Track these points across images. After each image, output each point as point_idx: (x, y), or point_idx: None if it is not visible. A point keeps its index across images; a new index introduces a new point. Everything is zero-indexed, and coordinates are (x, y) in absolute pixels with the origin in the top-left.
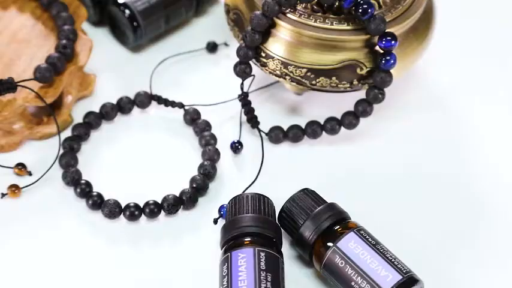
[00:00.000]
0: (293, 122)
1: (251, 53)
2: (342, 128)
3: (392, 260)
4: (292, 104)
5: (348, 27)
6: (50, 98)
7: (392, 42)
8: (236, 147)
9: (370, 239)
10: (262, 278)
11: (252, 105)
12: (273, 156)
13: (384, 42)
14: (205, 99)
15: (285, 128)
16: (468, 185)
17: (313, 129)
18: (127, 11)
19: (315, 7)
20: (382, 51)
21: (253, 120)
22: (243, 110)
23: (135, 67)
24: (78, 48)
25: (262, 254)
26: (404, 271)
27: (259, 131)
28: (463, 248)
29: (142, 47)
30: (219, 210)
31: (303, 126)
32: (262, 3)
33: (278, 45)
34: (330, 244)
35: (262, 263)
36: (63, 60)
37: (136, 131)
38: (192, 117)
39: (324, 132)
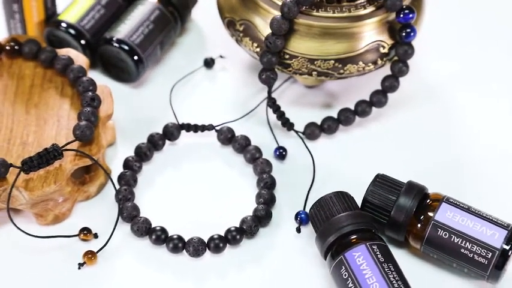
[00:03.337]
0: (314, 115)
1: (274, 58)
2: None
3: (491, 218)
4: (308, 98)
5: (366, 11)
6: (96, 154)
7: (410, 14)
8: (281, 153)
9: (461, 205)
10: (386, 269)
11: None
12: (315, 152)
13: (402, 16)
14: (221, 115)
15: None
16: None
17: (347, 116)
18: (125, 47)
19: None
20: (401, 25)
21: (288, 123)
22: (275, 115)
23: (142, 101)
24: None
25: (375, 247)
26: (505, 225)
27: (296, 132)
28: None
29: (142, 79)
30: (296, 218)
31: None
32: (280, 5)
33: (301, 43)
34: (425, 220)
35: (379, 256)
36: (96, 113)
37: (176, 164)
38: (227, 136)
39: (356, 117)
